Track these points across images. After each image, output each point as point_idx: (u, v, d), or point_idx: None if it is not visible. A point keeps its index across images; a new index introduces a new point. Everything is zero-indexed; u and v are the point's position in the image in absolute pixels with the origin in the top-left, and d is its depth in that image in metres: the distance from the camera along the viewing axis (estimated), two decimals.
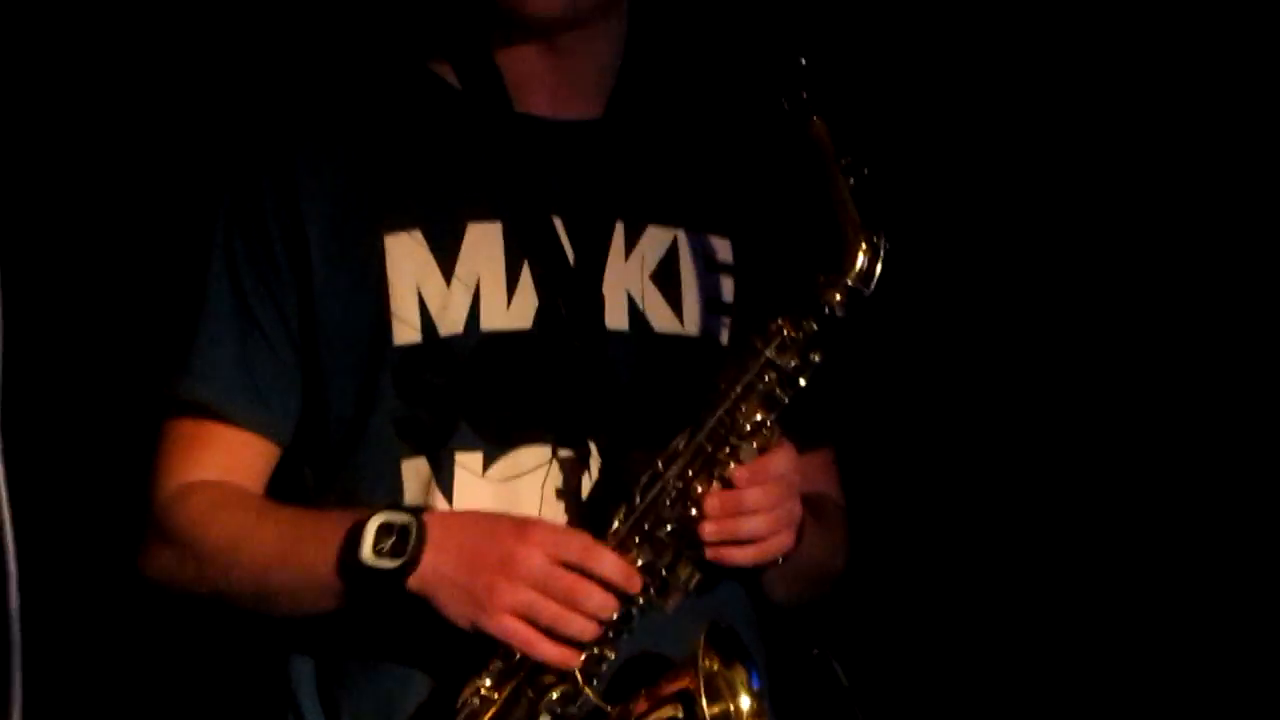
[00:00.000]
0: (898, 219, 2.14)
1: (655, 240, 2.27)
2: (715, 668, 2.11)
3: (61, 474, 2.78)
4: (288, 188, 2.21)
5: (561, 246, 2.24)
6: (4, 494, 1.35)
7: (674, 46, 2.39)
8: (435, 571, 2.04)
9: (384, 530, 2.06)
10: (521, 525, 2.07)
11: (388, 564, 2.04)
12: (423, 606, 2.06)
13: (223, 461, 2.22)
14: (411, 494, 2.19)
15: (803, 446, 2.25)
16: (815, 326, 2.11)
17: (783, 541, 2.14)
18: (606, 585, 2.05)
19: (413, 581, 2.05)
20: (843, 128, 2.10)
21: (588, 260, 2.24)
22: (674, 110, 2.33)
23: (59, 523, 2.78)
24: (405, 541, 2.05)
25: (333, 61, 2.52)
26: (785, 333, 2.11)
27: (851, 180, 2.08)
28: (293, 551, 2.13)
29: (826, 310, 2.10)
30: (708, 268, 2.28)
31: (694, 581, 2.14)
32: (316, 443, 2.25)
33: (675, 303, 2.26)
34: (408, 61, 2.32)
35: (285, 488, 2.27)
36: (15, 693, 1.32)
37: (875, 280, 2.09)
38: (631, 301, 2.25)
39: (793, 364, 2.11)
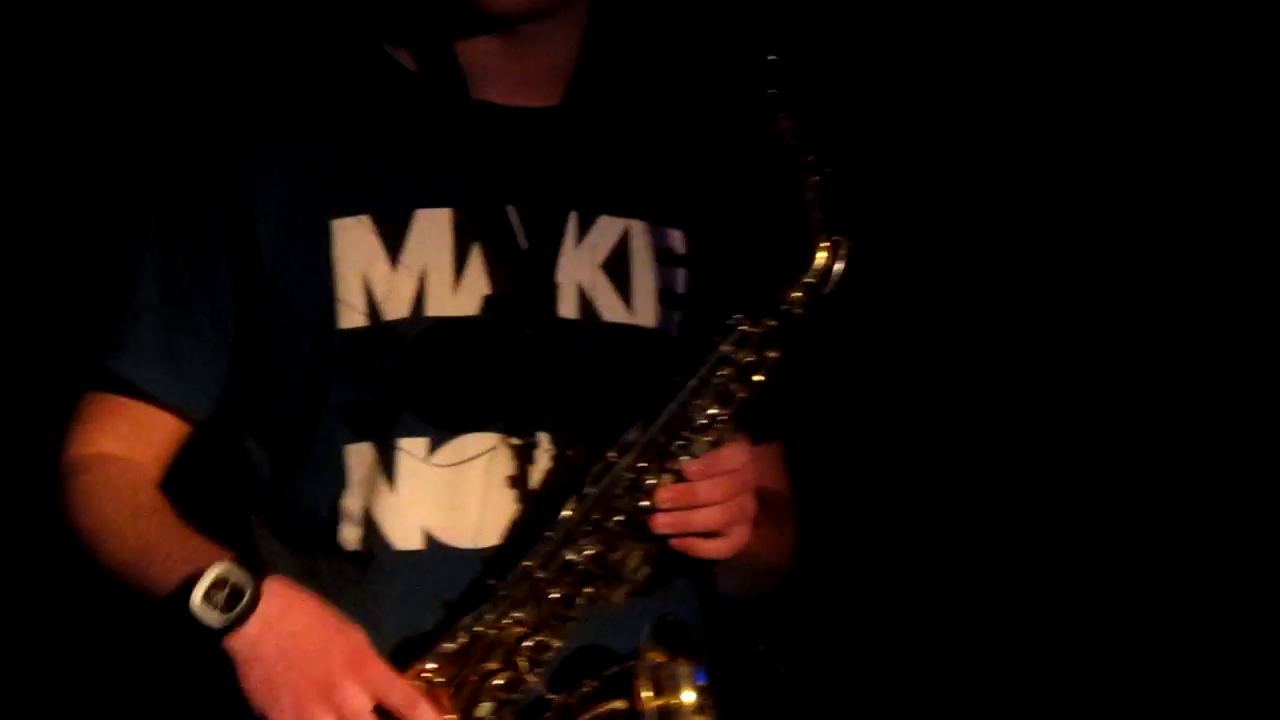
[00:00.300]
0: (866, 216, 2.12)
1: (607, 230, 2.25)
2: (660, 661, 2.08)
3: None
4: (234, 169, 2.19)
5: (512, 234, 2.21)
6: None
7: (636, 37, 2.36)
8: (252, 648, 2.02)
9: (219, 583, 2.02)
10: (359, 657, 2.03)
11: (211, 617, 2.01)
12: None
13: (127, 434, 2.22)
14: (356, 479, 2.17)
15: (753, 440, 2.23)
16: (773, 324, 2.08)
17: (740, 535, 2.11)
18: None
19: (229, 642, 2.01)
20: (809, 125, 2.07)
21: (540, 248, 2.22)
22: (633, 101, 2.31)
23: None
24: (235, 602, 2.02)
25: (286, 40, 2.48)
26: (743, 329, 2.08)
27: (815, 179, 2.06)
28: (143, 564, 2.11)
29: (784, 308, 2.08)
30: (660, 259, 2.25)
31: (642, 574, 2.11)
32: (262, 423, 2.23)
33: (625, 292, 2.24)
34: (363, 43, 2.30)
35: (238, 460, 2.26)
36: None
37: (835, 280, 2.07)
38: (581, 290, 2.22)
39: (749, 360, 2.09)
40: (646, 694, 2.04)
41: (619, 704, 2.06)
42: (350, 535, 2.17)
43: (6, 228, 2.91)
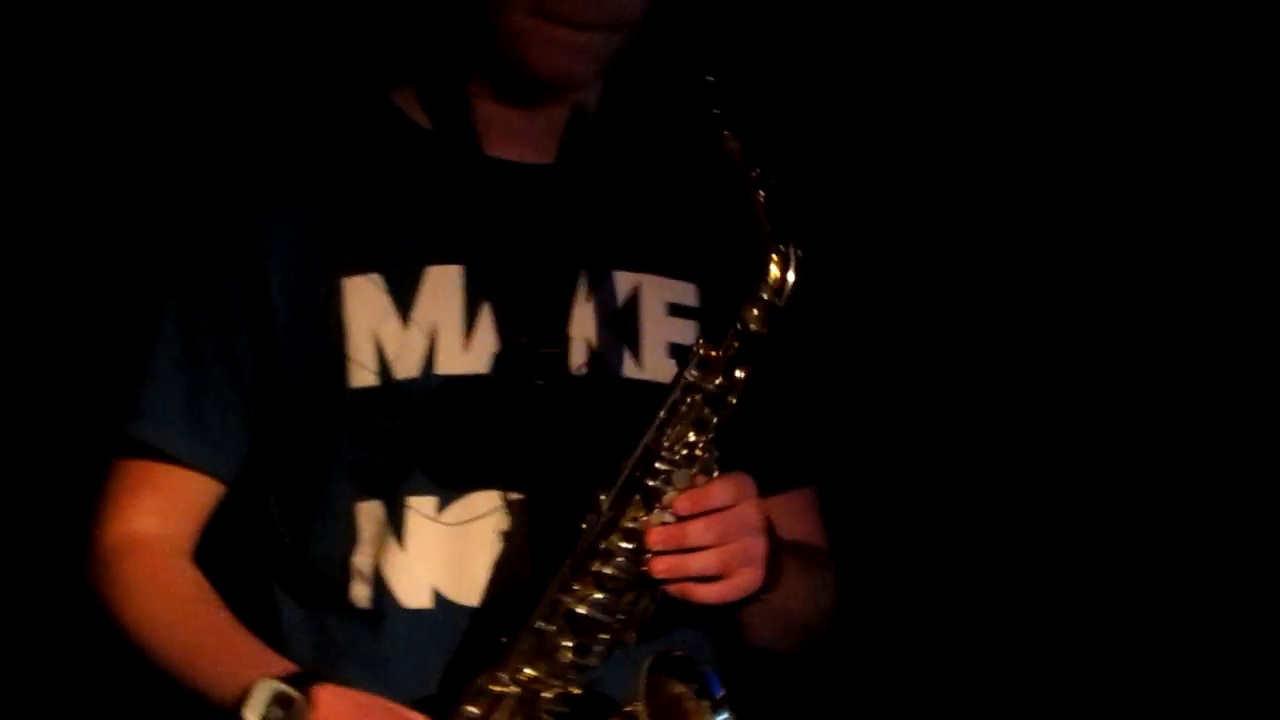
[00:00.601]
0: (814, 227, 2.12)
1: (619, 285, 2.25)
2: (672, 694, 2.08)
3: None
4: (248, 228, 2.21)
5: (523, 290, 2.22)
6: None
7: (644, 97, 2.37)
8: None
9: (273, 700, 2.06)
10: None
11: None
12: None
13: (163, 505, 2.23)
14: (366, 536, 2.19)
15: (782, 488, 2.26)
16: (736, 344, 2.07)
17: (745, 579, 2.10)
18: None
19: None
20: (754, 142, 2.07)
21: (550, 304, 2.23)
22: (640, 158, 2.31)
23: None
24: (288, 713, 2.05)
25: (296, 94, 2.51)
26: (705, 353, 2.07)
27: (762, 193, 2.05)
28: (191, 668, 2.15)
29: (743, 326, 2.07)
30: (671, 312, 2.26)
31: (649, 612, 2.11)
32: (277, 480, 2.25)
33: (635, 347, 2.24)
34: (374, 96, 2.31)
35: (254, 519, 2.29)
36: None
37: (790, 291, 2.06)
38: (591, 346, 2.23)
39: (717, 383, 2.07)
40: None
41: None
42: (360, 593, 2.19)
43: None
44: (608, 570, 2.07)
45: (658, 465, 2.07)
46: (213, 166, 2.29)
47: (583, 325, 2.23)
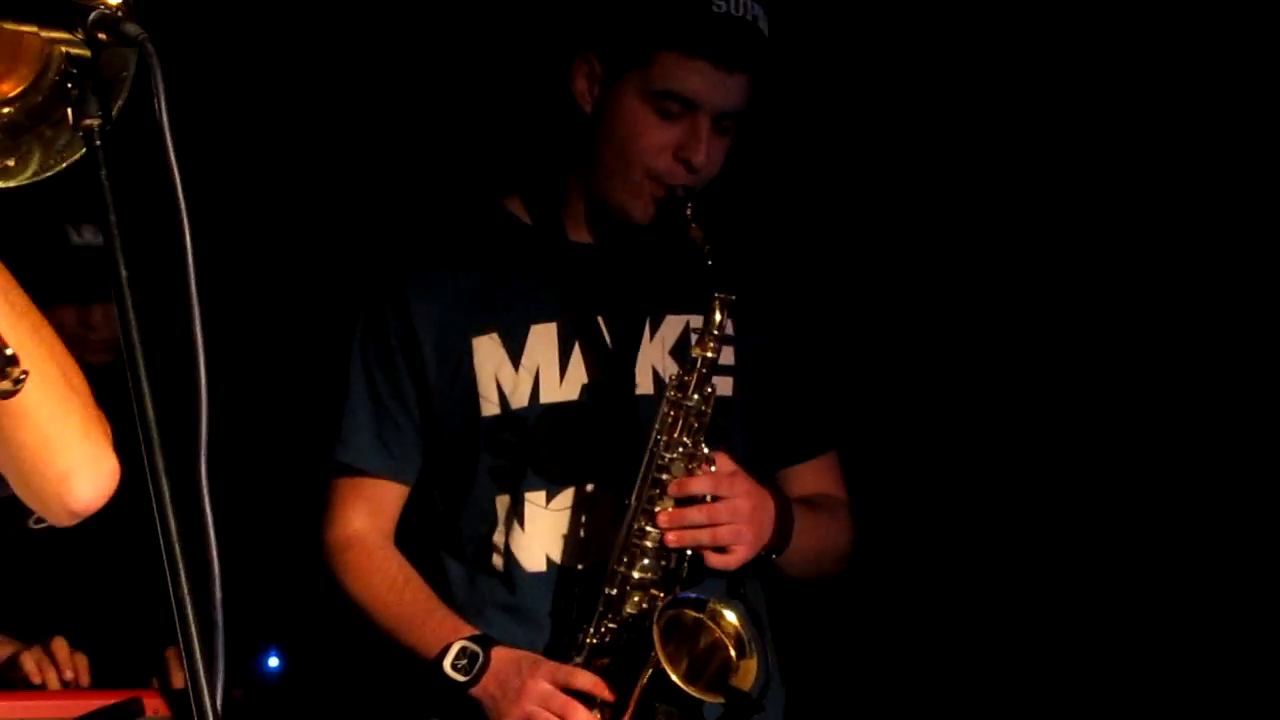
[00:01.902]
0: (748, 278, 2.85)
1: (673, 325, 3.07)
2: (690, 620, 2.90)
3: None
4: (404, 309, 3.06)
5: (602, 337, 3.06)
6: (207, 500, 1.66)
7: None
8: (485, 690, 2.94)
9: (461, 653, 2.95)
10: (536, 665, 2.93)
11: (458, 677, 2.95)
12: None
13: (366, 507, 3.10)
14: (499, 520, 3.05)
15: (808, 455, 3.12)
16: (701, 370, 2.90)
17: (741, 553, 2.93)
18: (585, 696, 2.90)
19: (473, 691, 2.95)
20: (710, 227, 2.88)
21: (622, 346, 3.06)
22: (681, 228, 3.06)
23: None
24: (473, 665, 2.94)
25: (437, 203, 3.33)
26: (681, 378, 2.92)
27: (710, 262, 2.88)
28: (403, 633, 3.04)
29: (700, 357, 2.90)
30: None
31: (684, 569, 2.95)
32: (441, 479, 3.12)
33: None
34: (490, 204, 3.14)
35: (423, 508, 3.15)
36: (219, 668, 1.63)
37: (724, 326, 2.89)
38: (655, 373, 3.05)
39: (695, 398, 2.90)
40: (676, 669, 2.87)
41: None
42: (497, 560, 3.06)
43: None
44: (646, 544, 2.93)
45: (660, 464, 2.91)
46: (381, 263, 3.13)
47: (648, 357, 3.05)
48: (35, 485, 1.94)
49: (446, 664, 2.96)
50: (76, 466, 1.92)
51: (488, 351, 3.06)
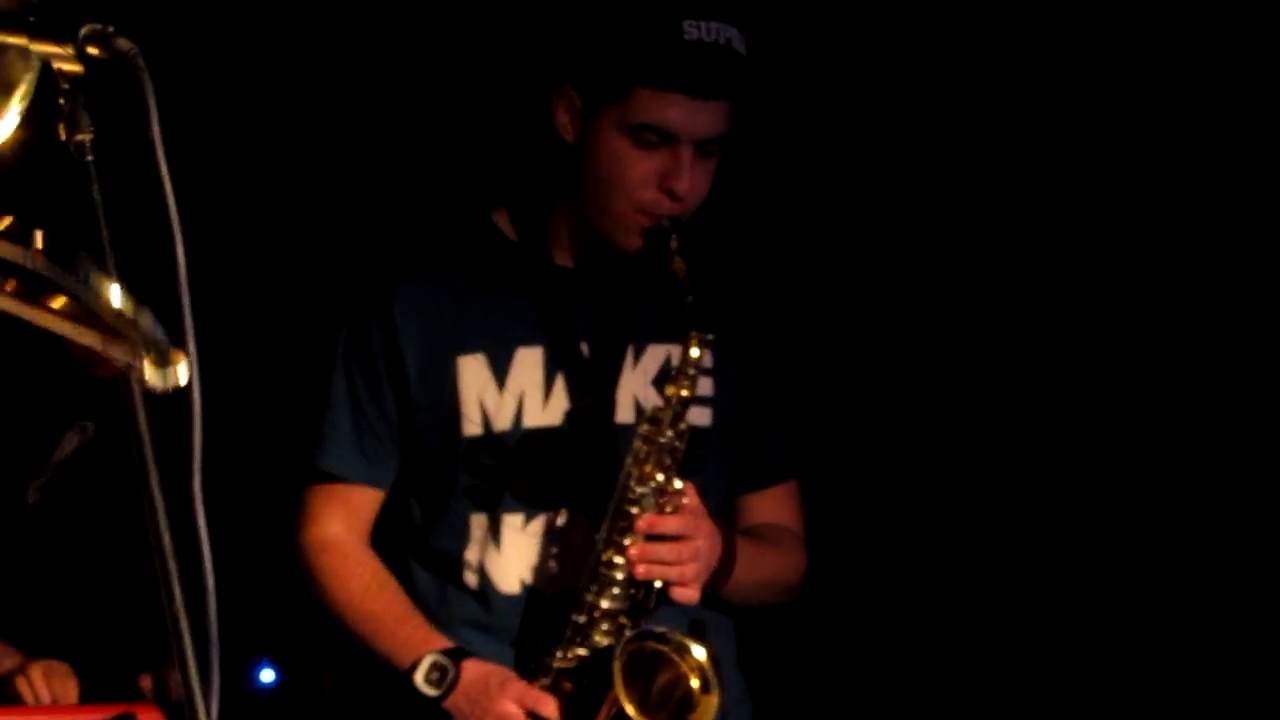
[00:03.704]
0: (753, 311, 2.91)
1: (655, 354, 3.08)
2: (652, 651, 2.91)
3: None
4: (389, 320, 3.07)
5: (586, 364, 3.07)
6: (201, 514, 1.69)
7: None
8: (454, 704, 2.97)
9: (433, 668, 2.97)
10: (507, 684, 2.96)
11: (430, 691, 2.98)
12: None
13: (341, 512, 3.11)
14: (475, 539, 3.06)
15: (767, 483, 3.15)
16: (675, 407, 2.93)
17: (696, 588, 2.96)
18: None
19: (444, 704, 2.98)
20: (692, 264, 2.92)
21: (604, 373, 3.08)
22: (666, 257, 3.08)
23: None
24: (444, 679, 2.96)
25: (424, 216, 3.34)
26: (655, 414, 2.95)
27: (690, 298, 2.92)
28: (374, 639, 3.05)
29: (674, 394, 2.94)
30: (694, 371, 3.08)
31: (651, 599, 2.97)
32: (418, 492, 3.12)
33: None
34: (478, 217, 3.14)
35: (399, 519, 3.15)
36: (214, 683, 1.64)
37: (700, 362, 2.93)
38: (637, 402, 3.07)
39: (668, 434, 2.94)
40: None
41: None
42: (470, 579, 3.07)
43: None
44: (616, 575, 2.95)
45: (630, 497, 2.94)
46: (366, 272, 3.13)
47: (629, 386, 3.07)
48: None
49: (419, 677, 2.98)
50: None
51: (473, 372, 3.07)
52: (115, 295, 1.68)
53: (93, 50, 1.81)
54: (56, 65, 1.84)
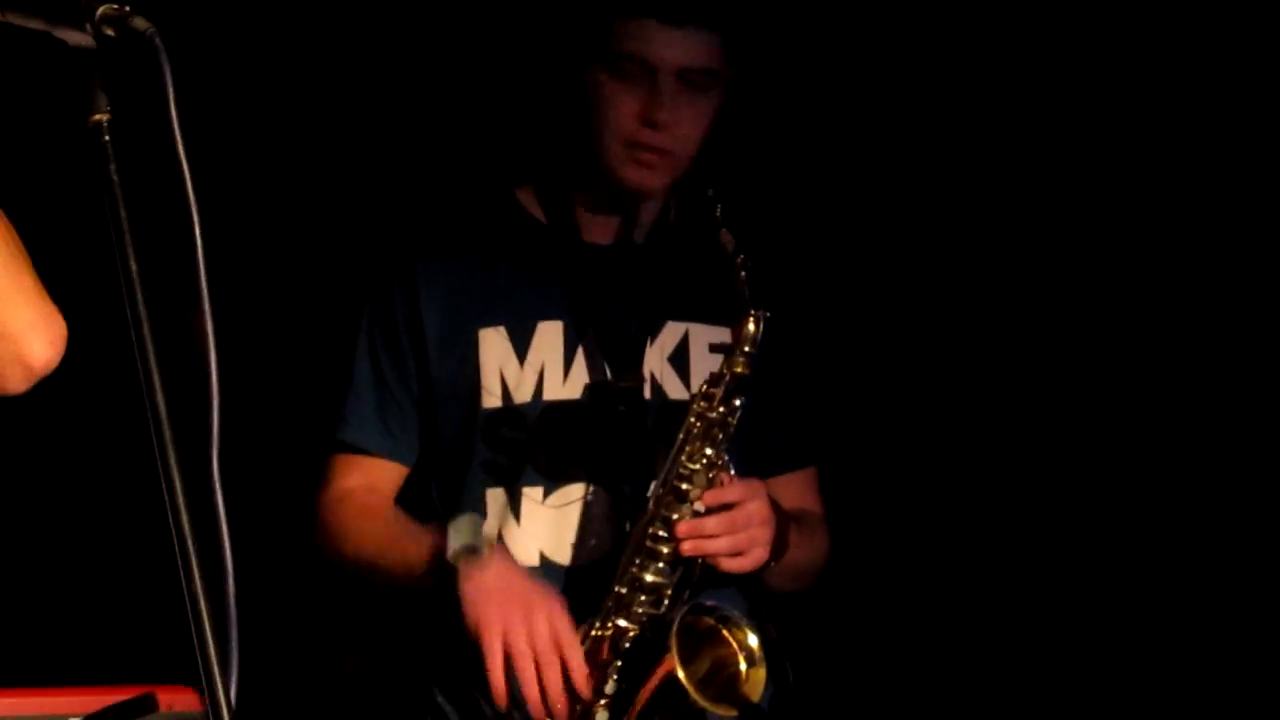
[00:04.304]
0: (782, 295, 2.91)
1: (672, 332, 3.09)
2: (705, 626, 2.90)
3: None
4: (412, 294, 3.07)
5: (608, 339, 3.08)
6: (219, 497, 1.68)
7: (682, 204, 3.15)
8: (481, 573, 2.90)
9: (466, 549, 2.92)
10: (560, 610, 2.90)
11: (460, 561, 2.90)
12: None
13: (365, 479, 3.10)
14: (492, 515, 3.05)
15: (788, 468, 3.13)
16: (729, 383, 2.93)
17: (757, 556, 2.95)
18: (567, 675, 2.88)
19: (467, 585, 2.89)
20: (742, 235, 2.91)
21: (627, 351, 3.08)
22: (689, 236, 3.10)
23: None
24: (477, 554, 2.91)
25: (449, 190, 3.34)
26: (708, 389, 2.95)
27: (743, 273, 2.90)
28: (404, 547, 3.00)
29: (728, 371, 2.93)
30: (711, 350, 3.06)
31: (694, 576, 2.95)
32: (436, 469, 3.12)
33: (685, 377, 3.08)
34: (502, 194, 3.16)
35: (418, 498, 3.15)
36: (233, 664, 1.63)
37: (760, 339, 2.91)
38: (653, 377, 3.07)
39: (720, 410, 2.93)
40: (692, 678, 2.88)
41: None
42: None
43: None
44: (662, 549, 2.94)
45: (683, 472, 2.93)
46: (389, 249, 3.14)
47: (649, 364, 3.08)
48: None
49: (451, 548, 2.90)
50: (34, 322, 1.96)
51: (493, 344, 3.07)
52: None
53: (109, 31, 1.82)
54: (74, 45, 1.84)
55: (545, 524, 3.05)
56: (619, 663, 2.93)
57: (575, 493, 3.05)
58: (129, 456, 1.94)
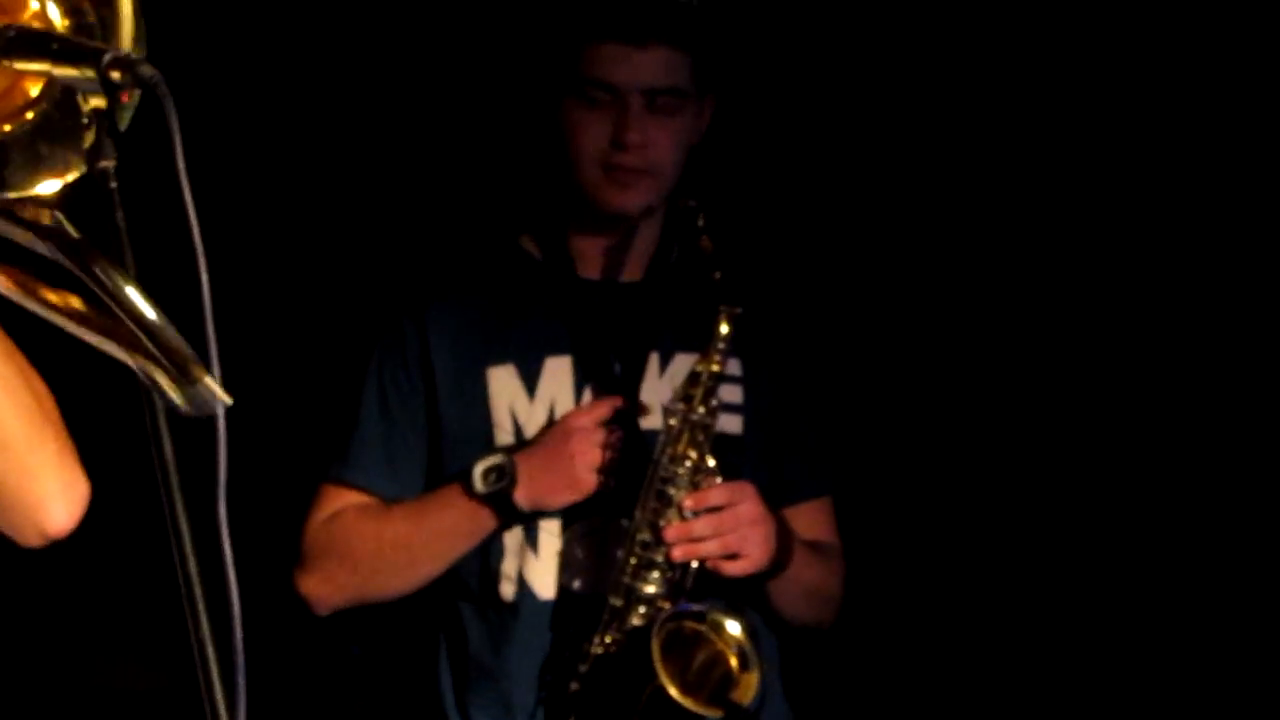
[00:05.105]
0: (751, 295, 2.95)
1: (682, 364, 3.09)
2: (691, 631, 2.91)
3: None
4: (421, 335, 3.10)
5: (614, 373, 3.10)
6: (226, 540, 1.66)
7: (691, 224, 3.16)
8: (527, 475, 2.96)
9: (488, 471, 2.97)
10: (561, 422, 2.98)
11: (498, 486, 2.96)
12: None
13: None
14: (511, 550, 3.07)
15: (799, 499, 3.13)
16: (706, 383, 2.95)
17: (753, 559, 2.96)
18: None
19: (519, 492, 2.96)
20: (721, 242, 2.95)
21: (634, 382, 3.10)
22: (689, 268, 3.10)
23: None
24: (505, 472, 2.96)
25: (454, 240, 3.37)
26: (686, 391, 2.97)
27: (718, 274, 2.94)
28: (420, 517, 3.03)
29: (703, 371, 2.95)
30: (722, 379, 3.07)
31: (688, 582, 2.96)
32: None
33: None
34: (508, 242, 3.20)
35: None
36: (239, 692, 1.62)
37: (730, 338, 2.95)
38: (664, 409, 3.07)
39: (700, 411, 2.95)
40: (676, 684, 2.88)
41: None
42: (506, 590, 3.07)
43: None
44: (653, 556, 2.95)
45: (665, 475, 2.95)
46: (400, 292, 3.16)
47: (655, 393, 3.09)
48: (10, 513, 1.96)
49: (478, 484, 2.97)
50: (54, 493, 1.96)
51: (503, 382, 3.09)
52: (137, 298, 1.61)
53: (116, 75, 1.82)
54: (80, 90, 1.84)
55: (562, 555, 3.06)
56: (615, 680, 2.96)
57: (591, 524, 3.06)
58: (135, 502, 1.93)
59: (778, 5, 3.56)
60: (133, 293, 1.61)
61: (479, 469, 2.98)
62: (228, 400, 1.59)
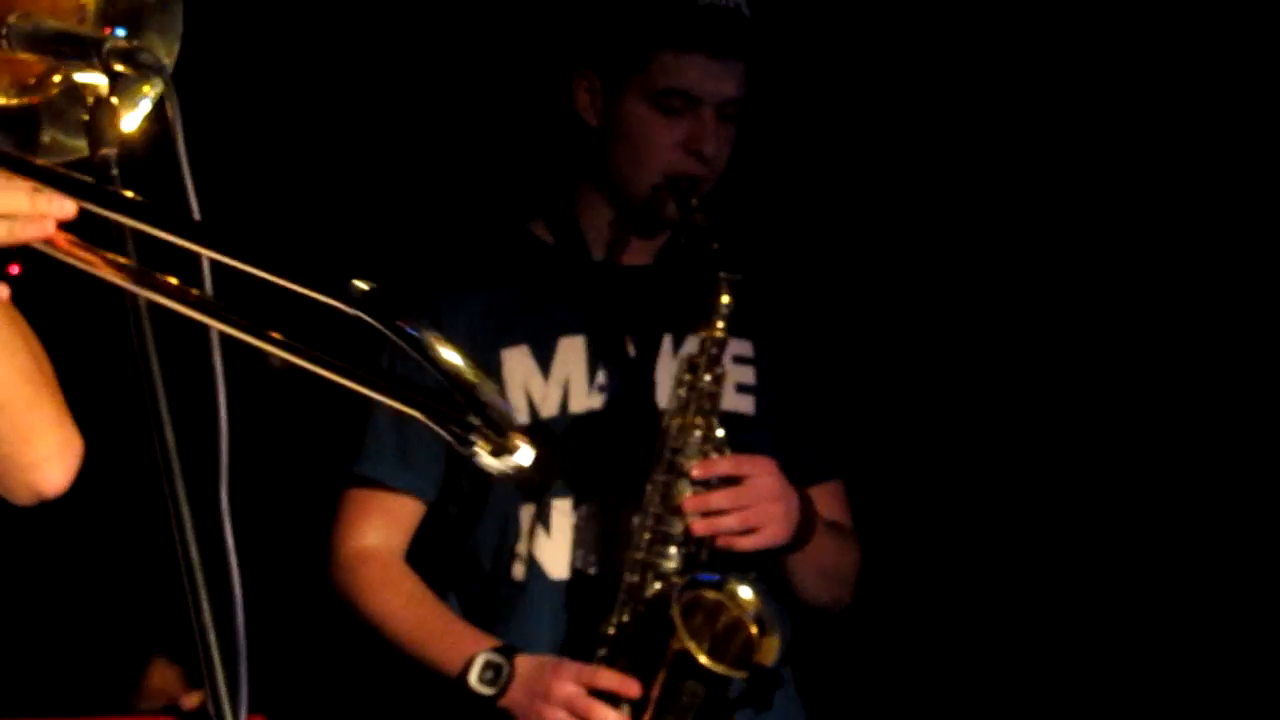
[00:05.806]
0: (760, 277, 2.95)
1: (694, 344, 3.07)
2: (710, 601, 2.92)
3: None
4: (434, 319, 3.10)
5: (626, 352, 3.11)
6: (228, 527, 1.68)
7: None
8: (512, 699, 2.96)
9: (485, 667, 2.97)
10: (557, 667, 2.95)
11: (486, 690, 2.97)
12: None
13: (381, 523, 3.11)
14: (524, 529, 3.08)
15: (812, 482, 3.12)
16: (711, 350, 2.97)
17: (772, 534, 2.97)
18: (609, 695, 2.92)
19: (501, 702, 2.96)
20: (727, 241, 2.97)
21: (648, 361, 3.11)
22: (700, 252, 3.10)
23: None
24: (499, 676, 2.96)
25: (465, 226, 3.38)
26: (693, 359, 2.98)
27: (715, 245, 2.95)
28: (421, 647, 3.05)
29: (708, 338, 2.97)
30: (734, 361, 3.10)
31: (704, 554, 2.97)
32: (459, 496, 3.14)
33: None
34: (517, 227, 3.20)
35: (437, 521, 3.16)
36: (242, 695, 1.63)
37: (729, 309, 2.96)
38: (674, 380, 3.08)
39: (706, 379, 2.96)
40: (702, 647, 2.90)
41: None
42: (518, 570, 3.09)
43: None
44: (667, 529, 2.97)
45: (674, 445, 2.96)
46: (413, 277, 3.16)
47: (669, 373, 3.08)
48: (7, 473, 1.99)
49: (473, 679, 2.98)
50: (50, 454, 1.99)
51: (517, 362, 3.11)
52: (454, 357, 1.58)
53: (119, 67, 1.83)
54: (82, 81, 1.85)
55: (574, 535, 3.07)
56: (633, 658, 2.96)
57: (603, 502, 3.07)
58: (137, 490, 1.94)
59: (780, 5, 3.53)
60: (446, 350, 1.59)
61: (479, 661, 2.98)
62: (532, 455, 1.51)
